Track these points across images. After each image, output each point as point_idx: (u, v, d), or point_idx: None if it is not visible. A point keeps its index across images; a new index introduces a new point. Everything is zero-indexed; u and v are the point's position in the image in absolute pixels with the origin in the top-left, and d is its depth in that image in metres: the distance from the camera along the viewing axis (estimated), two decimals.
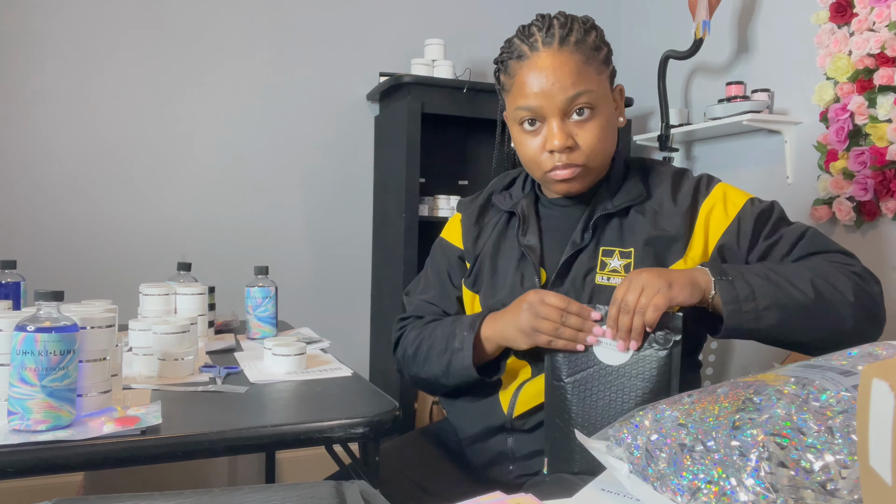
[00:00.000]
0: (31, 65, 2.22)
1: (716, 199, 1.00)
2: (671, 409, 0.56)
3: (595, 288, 0.97)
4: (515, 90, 0.97)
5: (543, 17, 0.98)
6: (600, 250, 0.98)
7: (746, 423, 0.50)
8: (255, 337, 1.44)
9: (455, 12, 2.72)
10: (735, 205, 1.00)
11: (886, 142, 1.83)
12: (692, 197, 0.99)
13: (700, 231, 0.98)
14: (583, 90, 0.93)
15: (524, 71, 0.95)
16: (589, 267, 0.98)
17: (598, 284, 0.97)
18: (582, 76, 0.93)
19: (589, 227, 0.99)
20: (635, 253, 0.97)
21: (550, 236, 1.05)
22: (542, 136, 0.96)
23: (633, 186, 1.01)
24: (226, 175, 2.44)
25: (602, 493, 0.58)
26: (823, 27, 2.01)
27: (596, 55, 0.96)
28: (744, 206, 1.00)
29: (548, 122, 0.95)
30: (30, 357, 0.74)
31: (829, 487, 0.45)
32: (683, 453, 0.51)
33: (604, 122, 0.96)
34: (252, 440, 0.79)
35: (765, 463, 0.47)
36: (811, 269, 0.91)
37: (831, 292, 0.88)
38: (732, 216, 0.99)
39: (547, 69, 0.93)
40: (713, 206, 0.99)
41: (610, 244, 0.99)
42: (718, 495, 0.48)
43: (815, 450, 0.46)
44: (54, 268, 2.20)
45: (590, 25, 0.98)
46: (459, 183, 2.68)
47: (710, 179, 1.03)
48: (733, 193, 1.02)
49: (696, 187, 1.01)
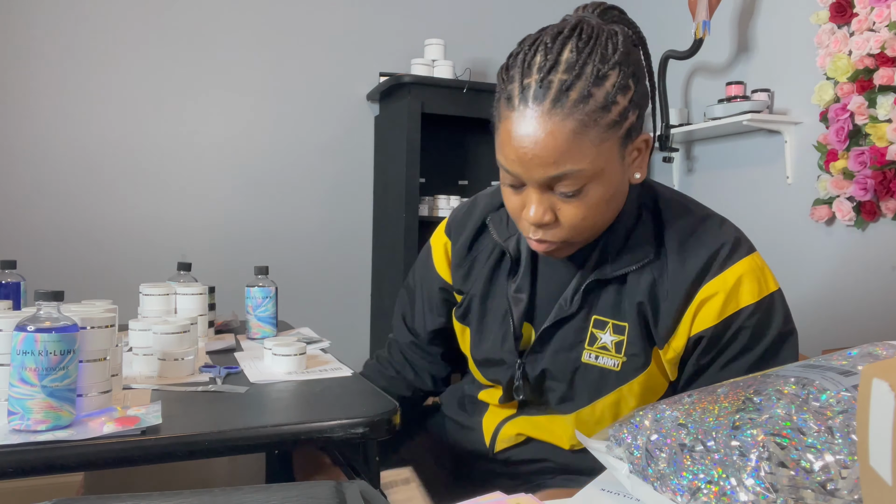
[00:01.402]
0: (31, 65, 2.22)
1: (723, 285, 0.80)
2: (671, 409, 0.56)
3: (580, 367, 0.84)
4: (499, 138, 0.78)
5: (553, 40, 0.75)
6: (592, 319, 0.84)
7: (746, 423, 0.50)
8: (256, 337, 1.44)
9: (455, 12, 2.71)
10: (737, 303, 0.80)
11: (886, 142, 1.83)
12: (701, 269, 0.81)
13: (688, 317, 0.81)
14: (568, 170, 0.73)
15: (508, 123, 0.75)
16: (577, 339, 0.84)
17: (584, 363, 0.84)
18: (571, 152, 0.72)
19: (580, 291, 0.84)
20: (629, 329, 0.82)
21: (545, 286, 0.89)
22: (523, 198, 0.79)
23: (640, 247, 0.83)
24: (226, 175, 2.44)
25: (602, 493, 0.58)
26: (823, 27, 2.01)
27: (601, 117, 0.73)
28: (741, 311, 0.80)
29: (527, 190, 0.78)
30: (30, 357, 0.74)
31: (829, 487, 0.45)
32: (683, 453, 0.51)
33: (597, 199, 0.76)
34: (252, 440, 0.79)
35: (765, 463, 0.47)
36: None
37: None
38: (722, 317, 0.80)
39: (529, 137, 0.73)
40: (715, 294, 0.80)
41: (603, 313, 0.84)
42: (718, 495, 0.48)
43: (815, 450, 0.46)
44: (55, 268, 2.20)
45: (612, 64, 0.73)
46: (459, 183, 2.68)
47: (733, 251, 0.82)
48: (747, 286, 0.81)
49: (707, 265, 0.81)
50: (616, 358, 0.83)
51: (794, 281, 2.15)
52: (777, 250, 2.20)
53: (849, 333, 1.96)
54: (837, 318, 2.00)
